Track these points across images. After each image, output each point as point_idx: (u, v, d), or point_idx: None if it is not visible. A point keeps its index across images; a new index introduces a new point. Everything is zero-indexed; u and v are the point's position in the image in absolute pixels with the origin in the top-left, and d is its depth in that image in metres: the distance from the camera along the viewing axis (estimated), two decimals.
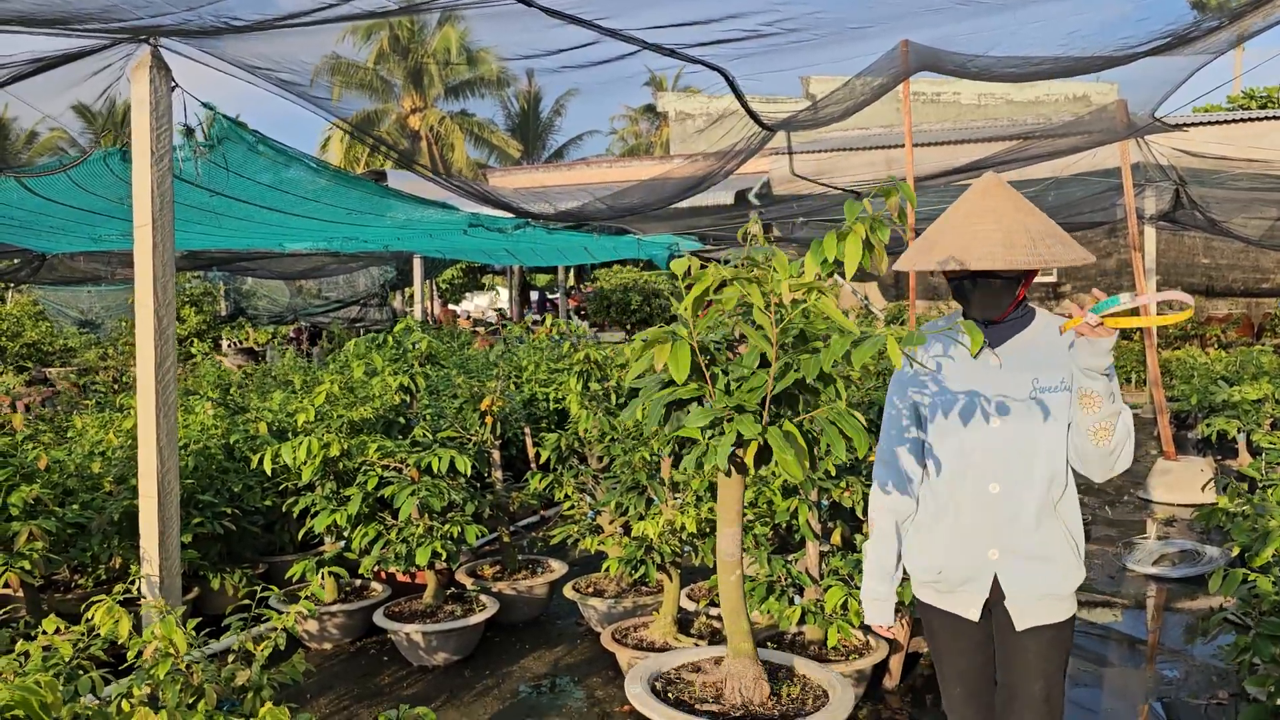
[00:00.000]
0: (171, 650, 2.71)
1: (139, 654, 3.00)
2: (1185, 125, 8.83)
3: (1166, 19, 3.39)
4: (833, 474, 4.47)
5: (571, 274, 26.49)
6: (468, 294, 34.92)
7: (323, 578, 5.39)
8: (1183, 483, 7.98)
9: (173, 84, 4.61)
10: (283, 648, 3.09)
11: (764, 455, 2.86)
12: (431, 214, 7.82)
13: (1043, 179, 10.85)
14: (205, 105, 5.19)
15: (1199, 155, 8.12)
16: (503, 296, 33.89)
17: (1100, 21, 3.44)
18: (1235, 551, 3.76)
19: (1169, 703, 4.32)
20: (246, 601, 3.72)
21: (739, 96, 4.20)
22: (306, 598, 3.17)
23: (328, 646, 5.32)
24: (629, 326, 21.04)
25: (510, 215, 7.23)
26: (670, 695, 3.17)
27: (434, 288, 27.78)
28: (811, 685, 3.34)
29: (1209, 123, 11.20)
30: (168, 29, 4.39)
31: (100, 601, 2.87)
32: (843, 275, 2.57)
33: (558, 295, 24.11)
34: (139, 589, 3.97)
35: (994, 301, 2.57)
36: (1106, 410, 2.39)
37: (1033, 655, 2.57)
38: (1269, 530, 2.85)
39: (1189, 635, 5.22)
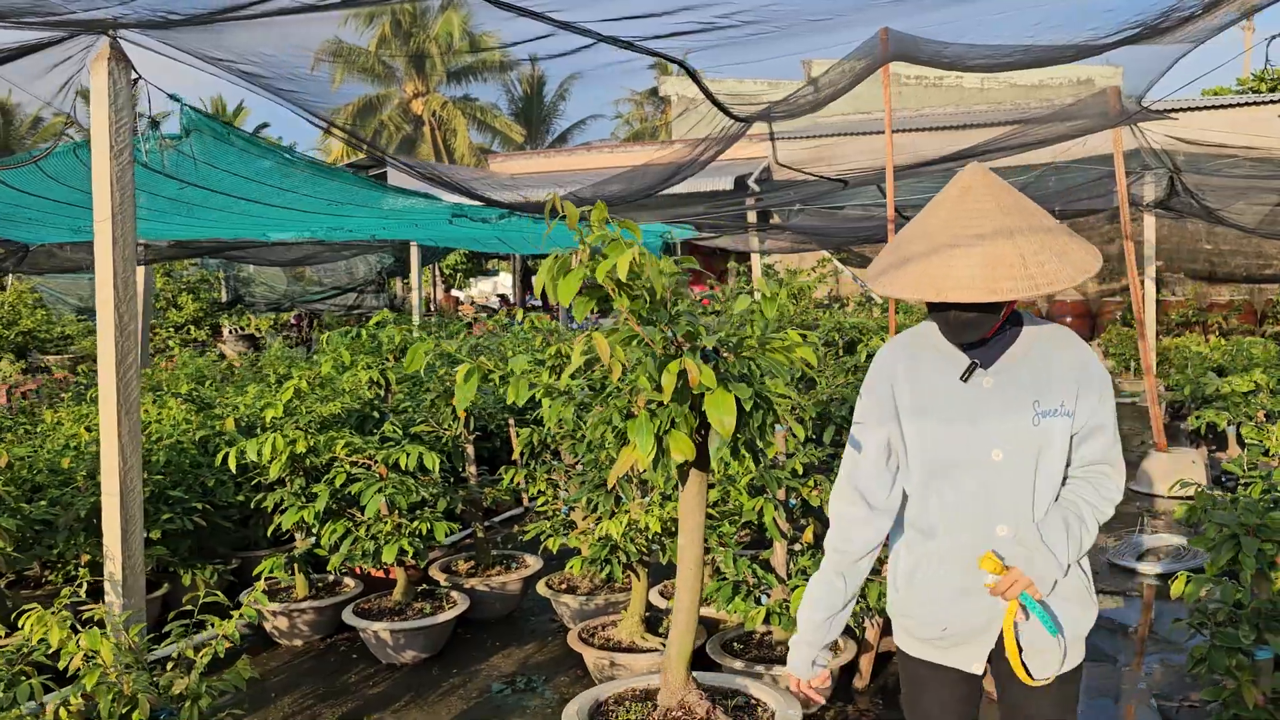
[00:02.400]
0: (103, 661, 2.66)
1: (85, 662, 2.96)
2: (1174, 111, 8.69)
3: (1135, 9, 3.29)
4: (800, 473, 4.40)
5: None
6: (471, 280, 34.88)
7: (293, 573, 5.35)
8: (1173, 475, 7.86)
9: (135, 76, 4.54)
10: (222, 655, 3.04)
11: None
12: (414, 204, 7.75)
13: (1043, 164, 10.73)
14: (171, 97, 5.12)
15: (1192, 142, 7.99)
16: (505, 282, 33.83)
17: (1065, 12, 3.34)
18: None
19: (1139, 705, 4.25)
20: (212, 598, 3.67)
21: (702, 88, 4.11)
22: (251, 604, 3.12)
23: (298, 643, 5.28)
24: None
25: (495, 207, 7.16)
26: None
27: (437, 274, 27.74)
28: (758, 707, 3.26)
29: (1197, 108, 11.07)
30: (127, 21, 4.31)
31: (32, 609, 2.82)
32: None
33: None
34: (79, 590, 3.92)
35: (975, 328, 2.22)
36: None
37: (1047, 705, 2.35)
38: (1223, 540, 2.77)
39: (1164, 634, 5.14)
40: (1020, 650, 2.30)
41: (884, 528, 2.40)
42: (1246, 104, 11.85)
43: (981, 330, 2.22)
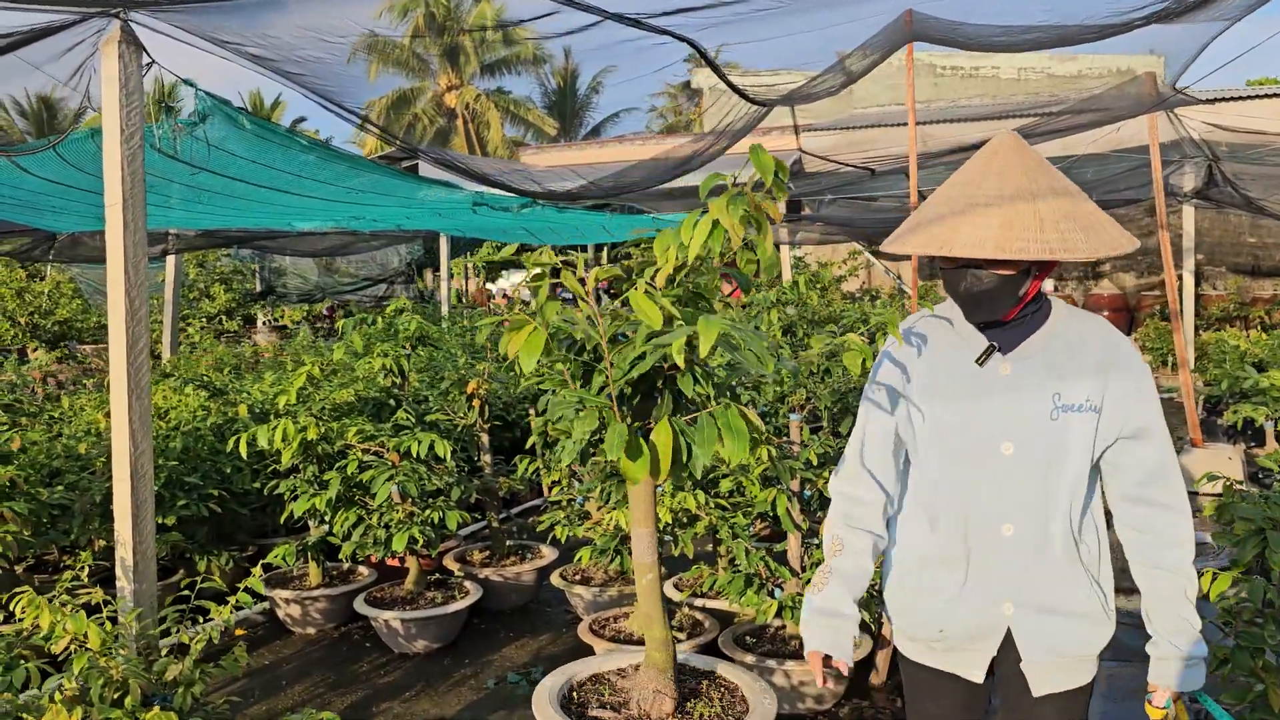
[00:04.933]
0: (90, 645, 2.62)
1: (78, 647, 2.93)
2: (1215, 100, 8.45)
3: None
4: (815, 463, 4.30)
5: (605, 253, 26.37)
6: (505, 272, 34.97)
7: (306, 561, 5.33)
8: (1209, 471, 7.68)
9: (147, 60, 4.53)
10: (216, 641, 3.00)
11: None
12: (436, 193, 7.70)
13: (1079, 155, 10.51)
14: (185, 82, 5.10)
15: (1231, 129, 7.76)
16: None
17: None
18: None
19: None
20: (210, 584, 3.65)
21: (715, 70, 4.01)
22: (245, 589, 3.08)
23: (311, 631, 5.26)
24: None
25: (512, 194, 7.10)
26: (575, 709, 3.00)
27: (469, 266, 27.76)
28: (734, 696, 3.15)
29: (1239, 97, 10.80)
30: (139, 1, 4.29)
31: (23, 592, 2.79)
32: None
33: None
34: (81, 574, 3.91)
35: (990, 301, 2.06)
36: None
37: None
38: (1249, 535, 2.65)
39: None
40: (1020, 659, 2.18)
41: (887, 514, 2.28)
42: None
43: (1000, 307, 2.07)
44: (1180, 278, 12.95)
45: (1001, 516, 2.12)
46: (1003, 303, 2.07)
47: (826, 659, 2.18)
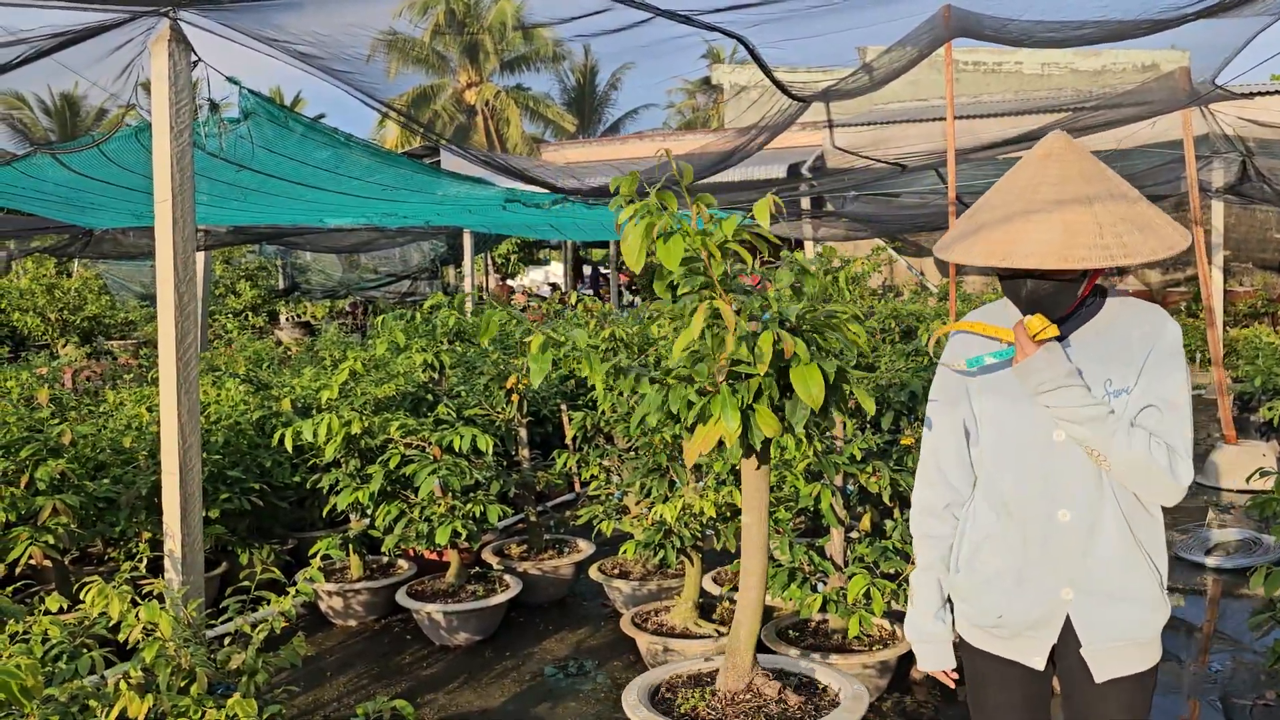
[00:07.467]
0: (162, 635, 2.67)
1: (145, 635, 2.97)
2: (1254, 94, 8.40)
3: None
4: (858, 458, 4.32)
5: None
6: (523, 268, 35.08)
7: (348, 554, 5.38)
8: (1242, 468, 7.64)
9: (194, 58, 4.58)
10: (278, 632, 3.04)
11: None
12: (468, 189, 7.75)
13: (1105, 150, 10.46)
14: (230, 80, 5.15)
15: (1269, 125, 7.71)
16: (557, 271, 33.92)
17: None
18: None
19: (1212, 701, 4.12)
20: (269, 575, 3.70)
21: (762, 66, 4.02)
22: (308, 580, 3.12)
23: (353, 624, 5.31)
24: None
25: (545, 191, 7.14)
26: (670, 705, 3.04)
27: (489, 262, 27.86)
28: (824, 692, 3.20)
29: (1273, 92, 10.73)
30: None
31: (93, 582, 2.84)
32: None
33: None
34: (140, 565, 3.96)
35: (1051, 303, 2.10)
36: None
37: (1111, 710, 2.21)
38: None
39: (1238, 630, 4.98)
40: (1080, 644, 2.20)
41: (956, 509, 2.34)
42: None
43: (1061, 307, 2.11)
44: (1210, 273, 12.87)
45: (1056, 503, 2.16)
46: (1064, 303, 2.11)
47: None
